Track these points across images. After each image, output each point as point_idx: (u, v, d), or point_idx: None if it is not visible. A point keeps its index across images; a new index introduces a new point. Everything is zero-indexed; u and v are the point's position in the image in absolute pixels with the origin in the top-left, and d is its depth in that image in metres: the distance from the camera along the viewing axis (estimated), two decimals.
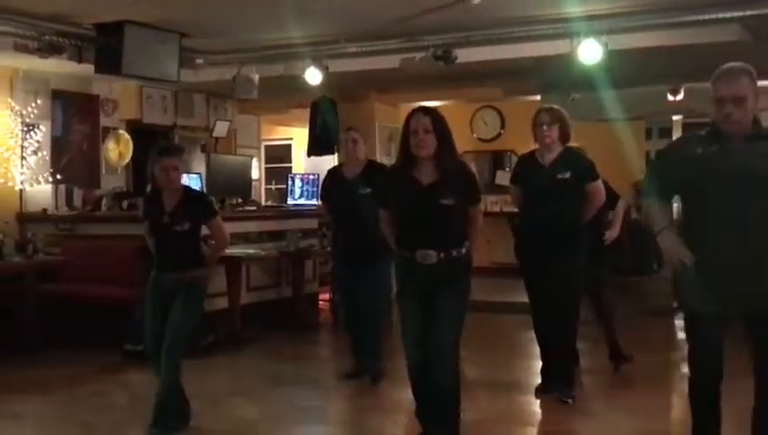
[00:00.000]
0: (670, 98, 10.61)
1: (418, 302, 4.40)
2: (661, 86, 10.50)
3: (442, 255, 4.31)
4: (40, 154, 8.96)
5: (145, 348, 5.16)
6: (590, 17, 7.57)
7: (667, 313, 8.73)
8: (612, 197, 6.35)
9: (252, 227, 8.91)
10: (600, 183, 5.79)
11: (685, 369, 4.12)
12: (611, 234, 6.37)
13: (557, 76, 9.38)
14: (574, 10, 7.39)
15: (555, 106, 5.96)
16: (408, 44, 8.44)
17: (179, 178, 5.10)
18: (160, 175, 5.01)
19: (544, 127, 5.69)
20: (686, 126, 12.46)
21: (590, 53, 7.70)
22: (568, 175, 5.62)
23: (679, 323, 8.95)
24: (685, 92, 10.48)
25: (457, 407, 4.43)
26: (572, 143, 5.88)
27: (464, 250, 4.39)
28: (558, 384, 5.78)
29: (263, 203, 11.71)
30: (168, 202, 5.06)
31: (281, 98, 10.96)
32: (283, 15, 7.32)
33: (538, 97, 10.70)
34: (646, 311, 9.37)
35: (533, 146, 5.92)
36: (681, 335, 8.44)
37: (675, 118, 12.16)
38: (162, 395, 5.00)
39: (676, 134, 12.47)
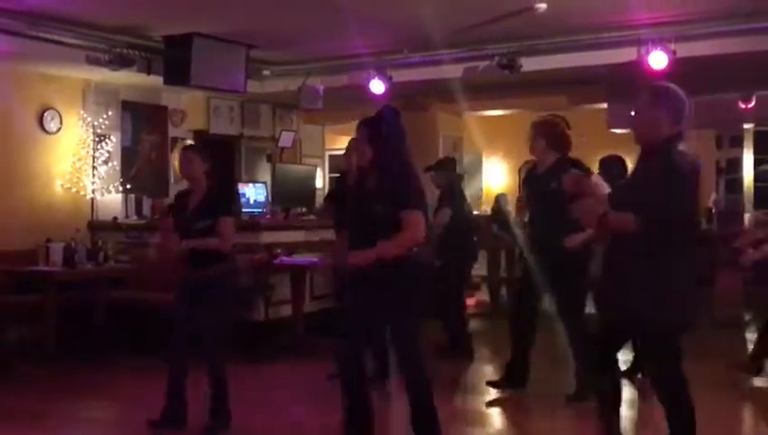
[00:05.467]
0: (741, 106, 10.38)
1: (357, 307, 4.49)
2: (732, 94, 10.28)
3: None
4: (110, 164, 9.16)
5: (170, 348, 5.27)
6: (658, 24, 7.46)
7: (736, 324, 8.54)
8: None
9: (316, 235, 8.97)
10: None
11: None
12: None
13: (623, 84, 9.24)
14: (641, 17, 7.29)
15: (547, 118, 6.09)
16: (472, 53, 8.43)
17: (191, 170, 5.19)
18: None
19: (531, 141, 5.92)
20: (757, 134, 12.18)
21: (657, 60, 7.58)
22: (554, 184, 5.61)
23: (750, 335, 8.76)
24: (756, 100, 10.24)
25: (431, 417, 4.47)
26: None
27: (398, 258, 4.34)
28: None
29: None
30: (192, 201, 5.20)
31: (345, 108, 11.02)
32: (348, 26, 7.37)
33: (604, 105, 10.57)
34: (714, 322, 9.17)
35: (600, 154, 5.89)
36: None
37: (746, 126, 11.89)
38: (212, 395, 5.15)
39: (748, 143, 12.19)
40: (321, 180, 12.77)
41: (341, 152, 15.22)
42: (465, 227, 7.79)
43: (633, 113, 3.98)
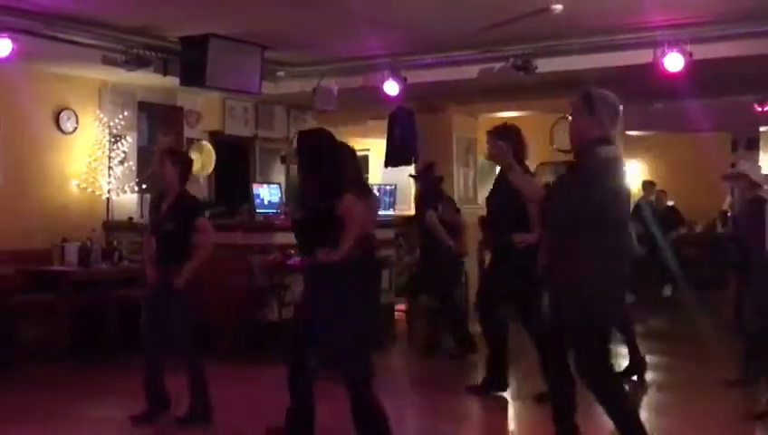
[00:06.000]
0: (757, 108, 10.32)
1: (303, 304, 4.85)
2: (748, 96, 10.23)
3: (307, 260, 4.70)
4: (126, 164, 9.19)
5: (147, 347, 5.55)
6: (674, 26, 7.43)
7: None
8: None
9: None
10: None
11: None
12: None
13: (639, 86, 9.21)
14: (657, 19, 7.26)
15: (502, 124, 6.31)
16: (487, 55, 8.41)
17: (167, 173, 5.45)
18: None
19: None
20: None
21: (673, 62, 7.55)
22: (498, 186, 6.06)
23: None
24: None
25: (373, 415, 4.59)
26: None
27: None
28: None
29: None
30: (165, 203, 5.44)
31: (359, 109, 11.03)
32: (362, 28, 7.38)
33: (620, 107, 10.51)
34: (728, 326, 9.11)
35: None
36: None
37: (762, 129, 11.82)
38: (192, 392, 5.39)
39: (764, 145, 12.12)
40: None
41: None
42: (447, 228, 7.98)
43: (569, 118, 4.21)
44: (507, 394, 6.22)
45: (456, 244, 8.05)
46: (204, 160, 10.17)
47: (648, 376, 6.79)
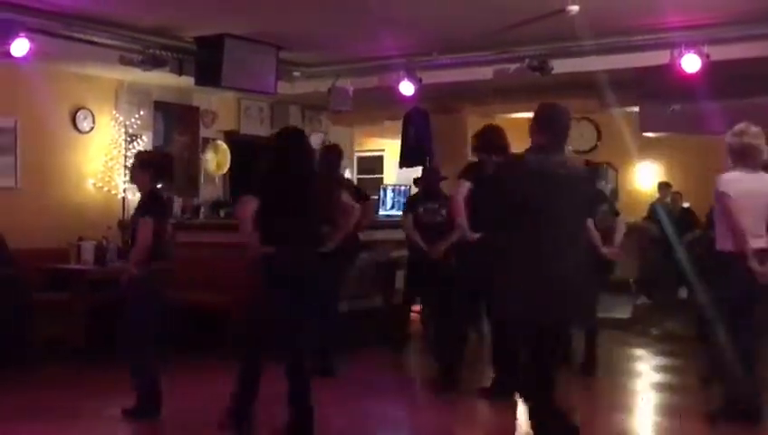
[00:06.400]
0: None
1: None
2: (765, 97, 10.14)
3: None
4: None
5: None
6: (691, 27, 7.39)
7: None
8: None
9: None
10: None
11: None
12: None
13: (656, 87, 9.17)
14: (674, 20, 7.23)
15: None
16: (503, 55, 8.40)
17: (136, 180, 5.78)
18: None
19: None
20: None
21: (690, 63, 7.51)
22: None
23: None
24: None
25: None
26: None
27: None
28: None
29: None
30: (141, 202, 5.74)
31: (374, 110, 11.03)
32: (377, 28, 7.38)
33: (636, 108, 10.48)
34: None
35: (632, 157, 5.89)
36: None
37: None
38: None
39: None
40: None
41: (371, 154, 15.38)
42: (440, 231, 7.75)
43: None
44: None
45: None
46: (219, 160, 10.20)
47: (663, 378, 6.75)
